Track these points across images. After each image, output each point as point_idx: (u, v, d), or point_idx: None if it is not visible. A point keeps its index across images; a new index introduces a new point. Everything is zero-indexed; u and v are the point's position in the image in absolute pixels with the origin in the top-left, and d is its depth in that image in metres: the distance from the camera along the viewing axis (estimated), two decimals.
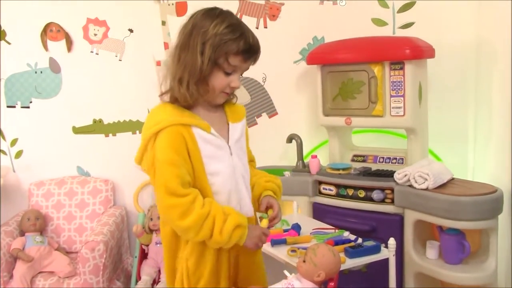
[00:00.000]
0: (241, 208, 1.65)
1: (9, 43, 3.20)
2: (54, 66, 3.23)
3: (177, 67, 1.56)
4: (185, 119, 1.56)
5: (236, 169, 1.65)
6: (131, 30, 3.19)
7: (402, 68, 2.46)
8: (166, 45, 3.18)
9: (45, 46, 3.20)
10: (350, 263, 1.91)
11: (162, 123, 1.53)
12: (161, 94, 1.63)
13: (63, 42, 3.19)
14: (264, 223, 1.68)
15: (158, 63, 3.20)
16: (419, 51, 2.47)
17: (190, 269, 1.62)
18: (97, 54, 3.22)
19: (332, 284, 1.70)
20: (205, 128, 1.58)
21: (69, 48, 3.20)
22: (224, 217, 1.53)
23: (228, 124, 1.68)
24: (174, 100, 1.60)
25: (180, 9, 3.14)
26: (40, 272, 2.83)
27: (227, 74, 1.57)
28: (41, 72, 3.23)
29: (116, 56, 3.22)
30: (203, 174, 1.58)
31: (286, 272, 1.73)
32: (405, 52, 2.43)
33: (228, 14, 1.58)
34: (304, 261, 1.68)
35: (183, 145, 1.53)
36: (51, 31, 3.18)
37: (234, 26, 1.54)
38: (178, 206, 1.49)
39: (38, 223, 2.98)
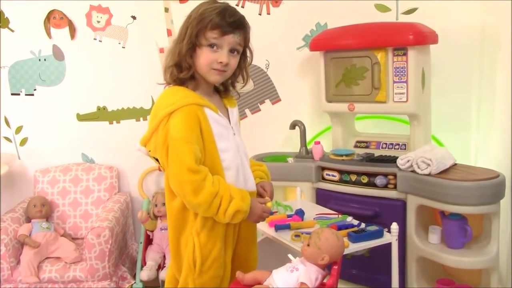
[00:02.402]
0: (246, 183, 1.77)
1: (12, 31, 3.21)
2: (58, 54, 3.24)
3: (171, 55, 1.71)
4: (198, 100, 1.67)
5: (239, 147, 1.79)
6: (134, 17, 3.19)
7: (405, 54, 2.46)
8: (169, 32, 3.18)
9: (49, 34, 3.20)
10: (353, 247, 1.93)
11: (178, 103, 1.63)
12: (168, 83, 1.74)
13: (66, 30, 3.19)
14: (269, 204, 1.78)
15: (161, 50, 3.20)
16: (422, 37, 2.47)
17: (202, 241, 1.69)
18: (100, 41, 3.22)
19: (336, 267, 1.73)
20: (213, 109, 1.70)
21: (73, 36, 3.20)
22: (230, 199, 1.63)
23: (227, 109, 1.82)
24: (181, 83, 1.71)
25: None
26: (46, 258, 2.86)
27: (212, 48, 1.65)
28: (45, 59, 3.24)
29: (120, 43, 3.22)
30: (216, 151, 1.68)
31: (290, 256, 1.76)
32: (408, 38, 2.43)
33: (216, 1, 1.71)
34: (308, 245, 1.70)
35: (197, 123, 1.64)
36: (54, 18, 3.18)
37: (216, 6, 1.66)
38: (191, 182, 1.58)
39: (44, 210, 3.01)
